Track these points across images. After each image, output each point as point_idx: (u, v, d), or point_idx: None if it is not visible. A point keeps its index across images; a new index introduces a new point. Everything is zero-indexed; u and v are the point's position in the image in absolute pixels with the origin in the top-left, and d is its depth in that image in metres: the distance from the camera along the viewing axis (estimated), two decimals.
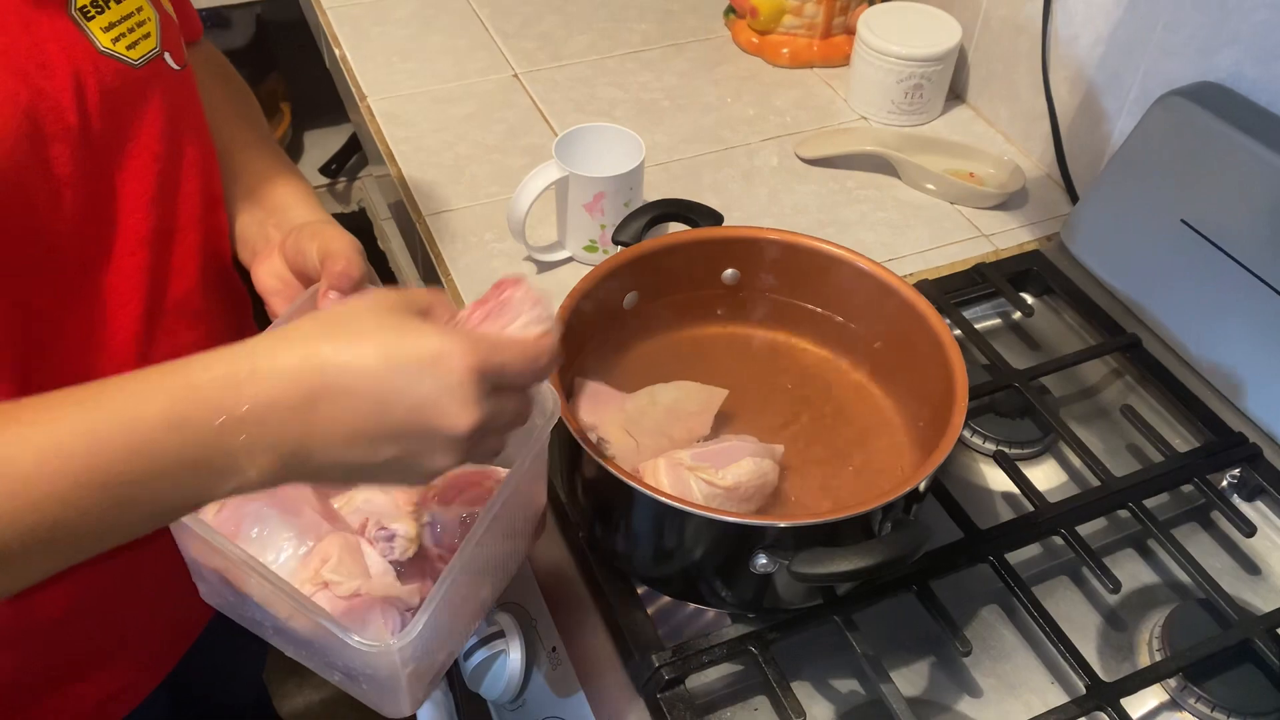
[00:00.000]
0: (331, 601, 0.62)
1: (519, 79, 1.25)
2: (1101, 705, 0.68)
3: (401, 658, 0.58)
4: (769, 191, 1.11)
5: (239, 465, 0.46)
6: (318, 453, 0.47)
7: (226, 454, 0.46)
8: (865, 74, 1.19)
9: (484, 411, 0.48)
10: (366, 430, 0.47)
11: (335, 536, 0.66)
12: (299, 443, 0.47)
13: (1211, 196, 0.89)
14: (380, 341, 0.47)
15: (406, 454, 0.48)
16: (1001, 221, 1.09)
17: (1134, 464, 0.86)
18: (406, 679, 0.60)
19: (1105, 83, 1.04)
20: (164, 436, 0.45)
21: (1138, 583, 0.78)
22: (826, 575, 0.61)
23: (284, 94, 1.94)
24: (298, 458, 0.47)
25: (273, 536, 0.66)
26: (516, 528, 0.69)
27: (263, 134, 0.80)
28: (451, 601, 0.62)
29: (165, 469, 0.45)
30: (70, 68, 0.58)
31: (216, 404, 0.46)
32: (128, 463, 0.45)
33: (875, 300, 0.79)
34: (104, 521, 0.46)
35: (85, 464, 0.44)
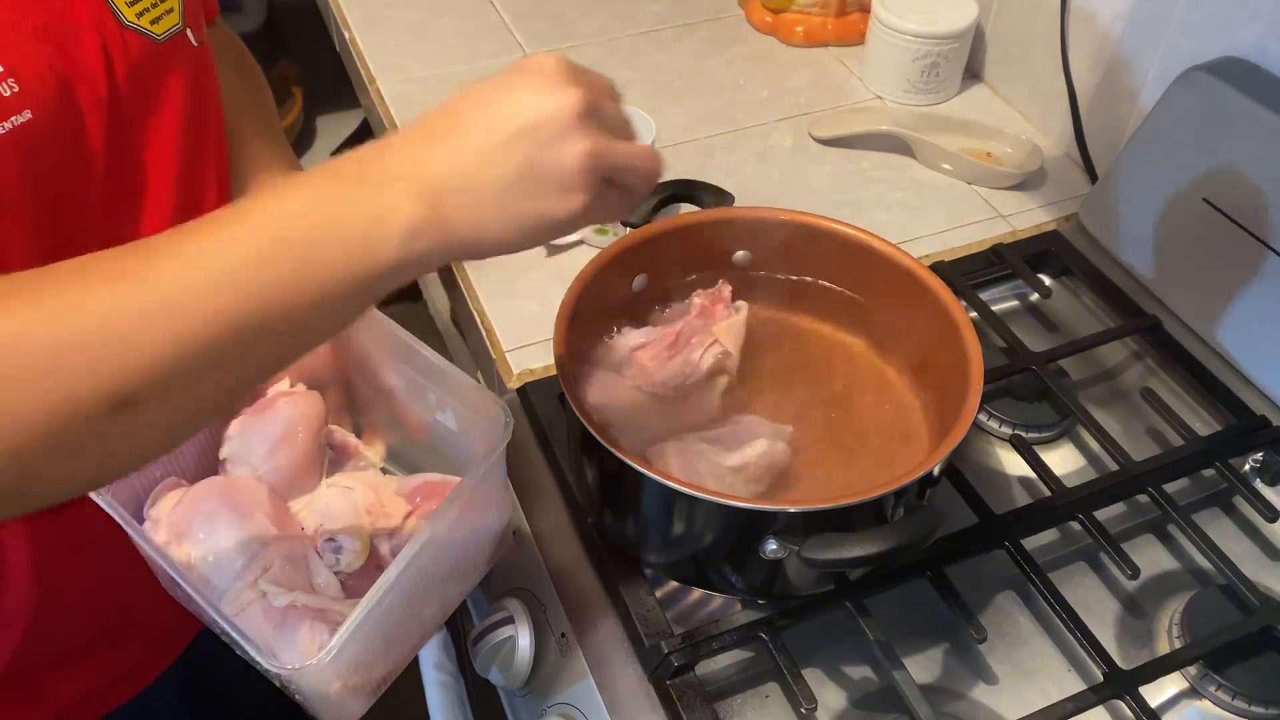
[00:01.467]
0: (266, 614, 0.62)
1: None
2: (1119, 693, 0.67)
3: (320, 677, 0.58)
4: (782, 173, 1.10)
5: (388, 208, 0.45)
6: (456, 175, 0.47)
7: (375, 195, 0.46)
8: (880, 52, 1.18)
9: (584, 86, 0.48)
10: (493, 136, 0.47)
11: (280, 544, 0.66)
12: (437, 168, 0.47)
13: (1234, 174, 0.87)
14: (478, 84, 0.49)
15: (539, 150, 0.47)
16: (1019, 202, 1.07)
17: (1154, 448, 0.84)
18: (336, 693, 0.60)
19: (1125, 60, 1.02)
20: (320, 192, 0.46)
21: (1157, 569, 0.77)
22: (838, 561, 0.60)
23: (296, 79, 1.93)
24: (439, 185, 0.46)
25: (218, 538, 0.66)
26: (469, 546, 0.69)
27: (270, 125, 0.80)
28: (382, 621, 0.61)
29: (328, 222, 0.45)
30: (98, 39, 0.58)
31: (360, 156, 0.48)
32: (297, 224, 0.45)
33: (889, 282, 0.78)
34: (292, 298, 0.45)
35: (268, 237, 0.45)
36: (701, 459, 0.67)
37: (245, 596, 0.64)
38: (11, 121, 0.53)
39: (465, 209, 0.47)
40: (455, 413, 0.72)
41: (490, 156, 0.47)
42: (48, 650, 0.71)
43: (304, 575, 0.66)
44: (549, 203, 0.48)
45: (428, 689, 0.81)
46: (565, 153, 0.48)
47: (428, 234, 0.46)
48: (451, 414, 0.72)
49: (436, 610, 0.69)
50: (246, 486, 0.70)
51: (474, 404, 0.69)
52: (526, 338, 0.92)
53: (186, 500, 0.68)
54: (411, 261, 0.46)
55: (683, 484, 0.62)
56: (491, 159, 0.47)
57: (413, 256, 0.46)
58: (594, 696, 0.70)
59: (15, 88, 0.53)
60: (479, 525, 0.69)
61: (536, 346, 0.91)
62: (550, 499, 0.79)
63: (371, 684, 0.65)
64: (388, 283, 0.47)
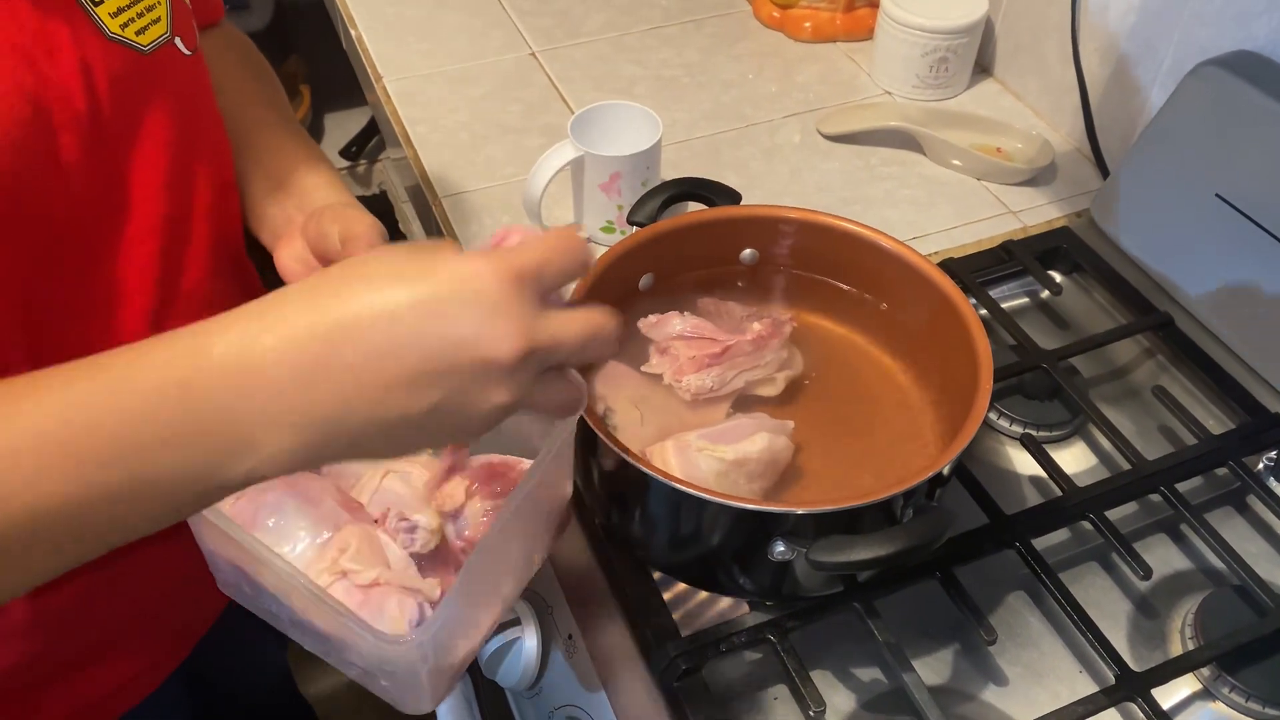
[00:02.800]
0: (348, 593, 0.61)
1: (536, 57, 1.23)
2: (1131, 695, 0.66)
3: (421, 652, 0.56)
4: (790, 169, 1.09)
5: (255, 440, 0.41)
6: (348, 417, 0.41)
7: (243, 426, 0.40)
8: (889, 47, 1.17)
9: (533, 327, 0.42)
10: (403, 376, 0.41)
11: (354, 527, 0.65)
12: (325, 409, 0.41)
13: (1248, 169, 0.86)
14: (401, 277, 0.41)
15: (453, 396, 0.42)
16: (1030, 198, 1.06)
17: (1166, 446, 0.83)
18: (426, 674, 0.59)
19: (1137, 53, 1.01)
20: (168, 402, 0.40)
21: (1170, 569, 0.76)
22: (846, 564, 0.60)
23: (303, 76, 1.93)
24: (328, 426, 0.41)
25: (290, 526, 0.65)
26: (539, 522, 0.68)
27: (285, 116, 0.79)
28: (471, 596, 0.60)
29: (170, 438, 0.40)
30: (77, 54, 0.57)
31: (228, 370, 0.40)
32: (131, 429, 0.40)
33: (897, 279, 0.77)
34: (107, 508, 0.41)
35: (84, 435, 0.40)
36: (702, 456, 0.67)
37: (324, 579, 0.62)
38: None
39: (352, 444, 0.42)
40: None
41: (392, 395, 0.41)
42: (48, 664, 0.70)
43: (380, 557, 0.65)
44: (442, 439, 0.45)
45: None
46: (480, 403, 0.42)
47: (303, 462, 0.42)
48: None
49: (512, 587, 0.68)
50: (308, 476, 0.69)
51: None
52: None
53: (249, 493, 0.66)
54: (255, 480, 0.42)
55: (690, 485, 0.62)
56: (397, 399, 0.41)
57: (273, 476, 0.42)
58: (601, 699, 0.70)
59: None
60: (546, 500, 0.68)
61: None
62: None
63: (453, 667, 0.63)
64: (234, 491, 0.43)
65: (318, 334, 0.41)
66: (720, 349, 0.72)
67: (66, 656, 0.71)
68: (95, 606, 0.71)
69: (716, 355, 0.72)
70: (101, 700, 0.75)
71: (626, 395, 0.73)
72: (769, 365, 0.74)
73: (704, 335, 0.73)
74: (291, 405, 0.40)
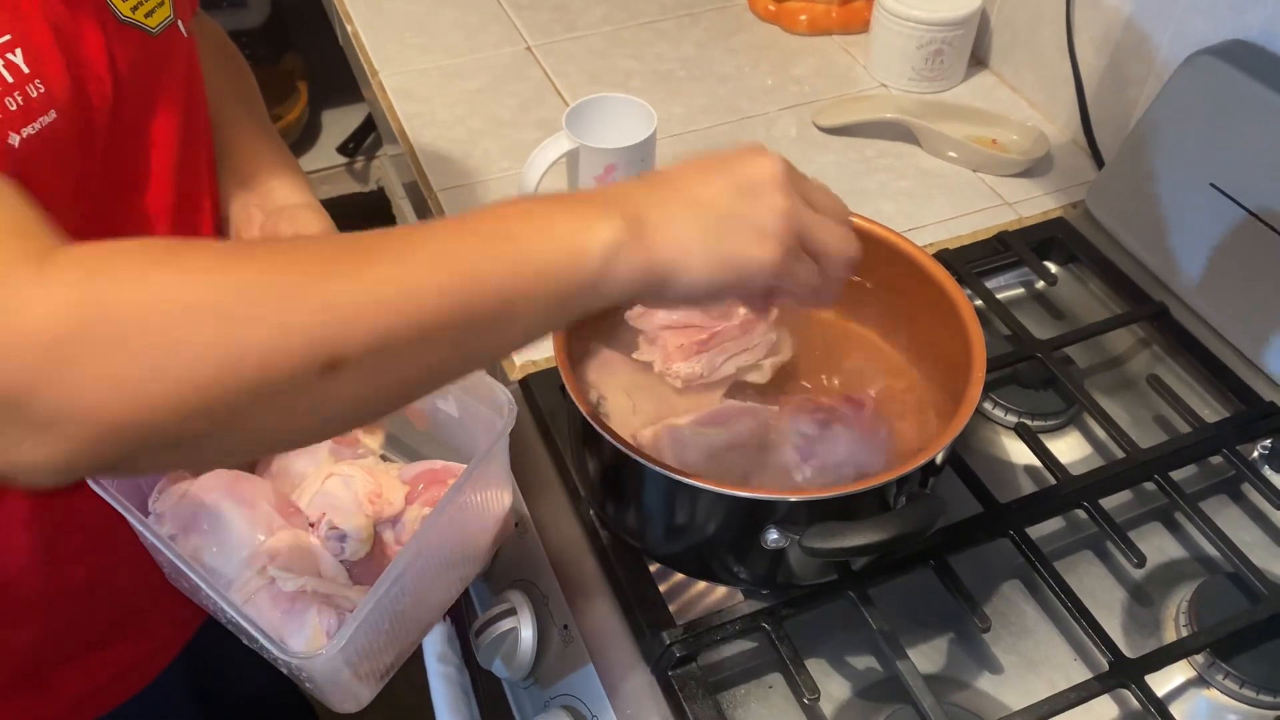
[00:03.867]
0: (275, 600, 0.62)
1: (532, 51, 1.23)
2: (1125, 682, 0.67)
3: (331, 665, 0.58)
4: None
5: (594, 220, 0.48)
6: (664, 211, 0.50)
7: (583, 212, 0.49)
8: (885, 40, 1.17)
9: (789, 164, 0.53)
10: (700, 186, 0.51)
11: (286, 533, 0.66)
12: (644, 205, 0.50)
13: (1242, 158, 0.86)
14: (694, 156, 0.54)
15: (740, 197, 0.51)
16: (1025, 189, 1.06)
17: (1161, 435, 0.83)
18: (345, 681, 0.60)
19: (1132, 44, 1.01)
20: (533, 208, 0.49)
21: (1164, 557, 0.76)
22: (839, 550, 0.60)
23: (301, 73, 1.93)
24: (647, 219, 0.49)
25: (225, 529, 0.66)
26: (472, 530, 0.68)
27: (257, 113, 0.80)
28: (390, 608, 0.61)
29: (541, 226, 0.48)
30: (101, 37, 0.57)
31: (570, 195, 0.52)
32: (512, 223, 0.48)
33: (893, 270, 0.77)
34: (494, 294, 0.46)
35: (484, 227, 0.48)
36: (692, 440, 0.67)
37: (253, 584, 0.64)
38: (40, 122, 0.53)
39: (667, 238, 0.49)
40: (457, 400, 0.72)
41: (697, 198, 0.51)
42: (59, 644, 0.71)
43: (311, 563, 0.66)
44: (746, 245, 0.51)
45: (432, 681, 0.81)
46: (765, 204, 0.51)
47: (627, 254, 0.48)
48: (453, 401, 0.72)
49: (441, 596, 0.69)
50: (250, 479, 0.70)
51: (476, 391, 0.69)
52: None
53: (191, 493, 0.68)
54: (611, 279, 0.48)
55: (683, 474, 0.62)
56: (698, 200, 0.51)
57: (613, 273, 0.48)
58: (596, 687, 0.70)
59: (41, 88, 0.53)
60: (483, 510, 0.69)
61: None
62: (552, 490, 0.79)
63: (380, 670, 0.65)
64: (589, 297, 0.48)
65: (648, 173, 0.54)
66: (707, 335, 0.72)
67: (73, 640, 0.72)
68: (98, 593, 0.71)
69: (704, 342, 0.73)
70: (106, 685, 0.75)
71: (619, 384, 0.73)
72: (757, 350, 0.74)
73: (691, 323, 0.73)
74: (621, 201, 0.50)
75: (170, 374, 0.41)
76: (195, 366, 0.41)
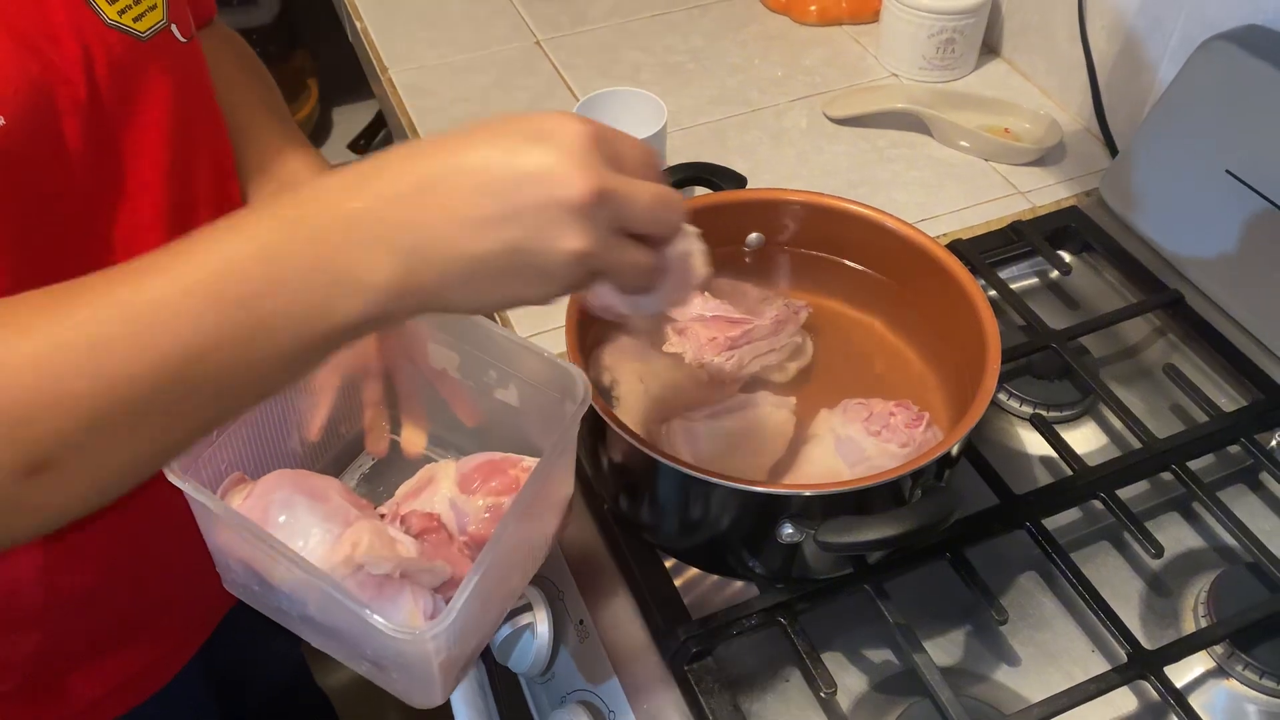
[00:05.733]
0: (362, 587, 0.61)
1: (541, 45, 1.23)
2: (1144, 674, 0.66)
3: (435, 645, 0.57)
4: (798, 153, 1.09)
5: (357, 268, 0.43)
6: (437, 244, 0.43)
7: (345, 252, 0.43)
8: (895, 29, 1.16)
9: (604, 178, 0.44)
10: (484, 208, 0.43)
11: (365, 521, 0.66)
12: (417, 234, 0.43)
13: (1258, 144, 0.86)
14: (490, 128, 0.45)
15: (529, 235, 0.43)
16: (1038, 178, 1.06)
17: (1177, 425, 0.83)
18: (438, 667, 0.59)
19: (1145, 30, 1.00)
20: (282, 239, 0.43)
21: (1182, 547, 0.76)
22: (854, 544, 0.60)
23: (311, 70, 1.93)
24: (417, 254, 0.43)
25: (300, 522, 0.65)
26: (545, 516, 0.68)
27: (279, 113, 0.79)
28: (483, 590, 0.61)
29: (284, 275, 0.42)
30: (78, 40, 0.57)
31: (333, 200, 0.43)
32: (250, 272, 0.42)
33: (905, 261, 0.77)
34: (233, 352, 0.43)
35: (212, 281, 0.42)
36: (706, 434, 0.67)
37: (338, 574, 0.63)
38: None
39: (439, 278, 0.44)
40: (518, 389, 0.69)
41: (478, 229, 0.43)
42: (66, 650, 0.71)
43: (392, 550, 0.65)
44: (523, 289, 0.45)
45: None
46: (555, 247, 0.44)
47: (396, 297, 0.43)
48: (514, 390, 0.70)
49: (517, 582, 0.68)
50: (315, 475, 0.69)
51: (542, 376, 0.66)
52: (541, 325, 0.91)
53: (258, 491, 0.67)
54: (370, 322, 0.44)
55: (697, 469, 0.62)
56: (478, 232, 0.43)
57: (372, 317, 0.44)
58: (613, 683, 0.70)
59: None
60: (554, 495, 0.68)
61: (550, 334, 0.91)
62: None
63: (464, 659, 0.63)
64: (340, 342, 0.44)
65: (417, 174, 0.43)
66: (739, 331, 0.72)
67: (84, 644, 0.72)
68: (109, 596, 0.71)
69: (735, 338, 0.73)
70: (119, 688, 0.75)
71: (633, 369, 0.73)
72: (783, 350, 0.74)
73: (722, 317, 0.73)
74: (388, 230, 0.43)
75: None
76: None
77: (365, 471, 0.80)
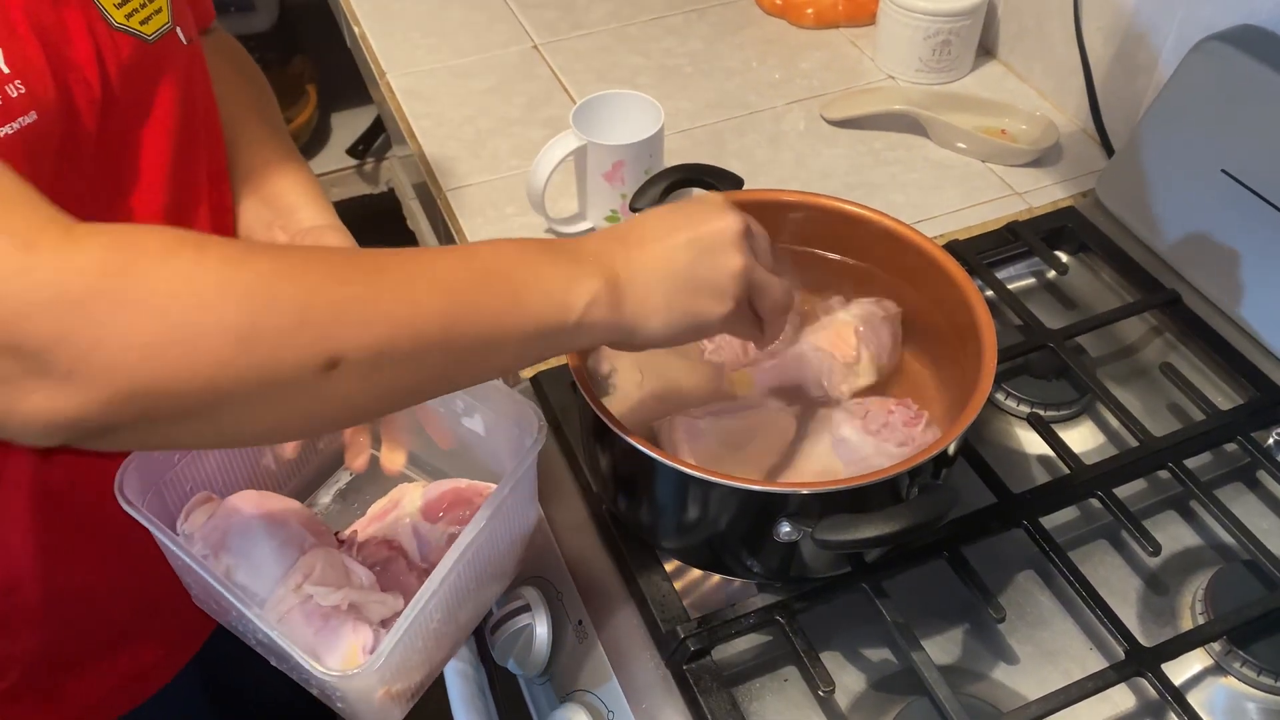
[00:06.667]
0: (309, 617, 0.62)
1: (539, 50, 1.23)
2: (1142, 671, 0.66)
3: (366, 683, 0.58)
4: (795, 156, 1.09)
5: (580, 274, 0.54)
6: (635, 268, 0.55)
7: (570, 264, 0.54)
8: (892, 32, 1.16)
9: (745, 217, 0.58)
10: (666, 242, 0.56)
11: (319, 550, 0.66)
12: (619, 261, 0.55)
13: (1254, 144, 0.86)
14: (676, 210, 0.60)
15: (702, 255, 0.56)
16: (1035, 179, 1.06)
17: (1174, 423, 0.83)
18: (379, 699, 0.60)
19: (1141, 31, 1.01)
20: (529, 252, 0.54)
21: (1179, 545, 0.76)
22: (851, 542, 0.60)
23: (310, 76, 1.94)
24: (620, 274, 0.55)
25: (256, 548, 0.66)
26: (500, 550, 0.69)
27: (275, 127, 0.80)
28: (426, 625, 0.61)
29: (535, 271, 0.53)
30: (91, 41, 0.58)
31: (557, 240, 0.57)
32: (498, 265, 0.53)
33: (901, 261, 0.77)
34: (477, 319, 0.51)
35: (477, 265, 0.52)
36: (708, 434, 0.67)
37: (287, 602, 0.63)
38: (19, 122, 0.53)
39: (637, 293, 0.55)
40: (483, 418, 0.72)
41: (664, 255, 0.56)
42: (62, 652, 0.71)
43: (343, 579, 0.66)
44: (703, 303, 0.57)
45: (448, 679, 0.81)
46: (723, 263, 0.57)
47: (602, 306, 0.54)
48: (480, 419, 0.72)
49: (471, 614, 0.69)
50: (277, 497, 0.70)
51: (503, 409, 0.69)
52: None
53: (220, 513, 0.68)
54: (585, 328, 0.54)
55: (694, 468, 0.62)
56: (665, 257, 0.56)
57: (587, 323, 0.53)
58: (612, 683, 0.70)
59: (22, 89, 0.53)
60: (511, 529, 0.69)
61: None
62: (565, 486, 0.79)
63: (411, 689, 0.64)
64: (564, 341, 0.54)
65: (619, 225, 0.60)
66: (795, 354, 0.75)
67: (81, 646, 0.72)
68: (106, 598, 0.71)
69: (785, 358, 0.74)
70: (116, 690, 0.75)
71: (633, 359, 0.73)
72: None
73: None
74: (599, 255, 0.55)
75: (190, 344, 0.42)
76: (214, 340, 0.43)
77: (342, 487, 0.81)
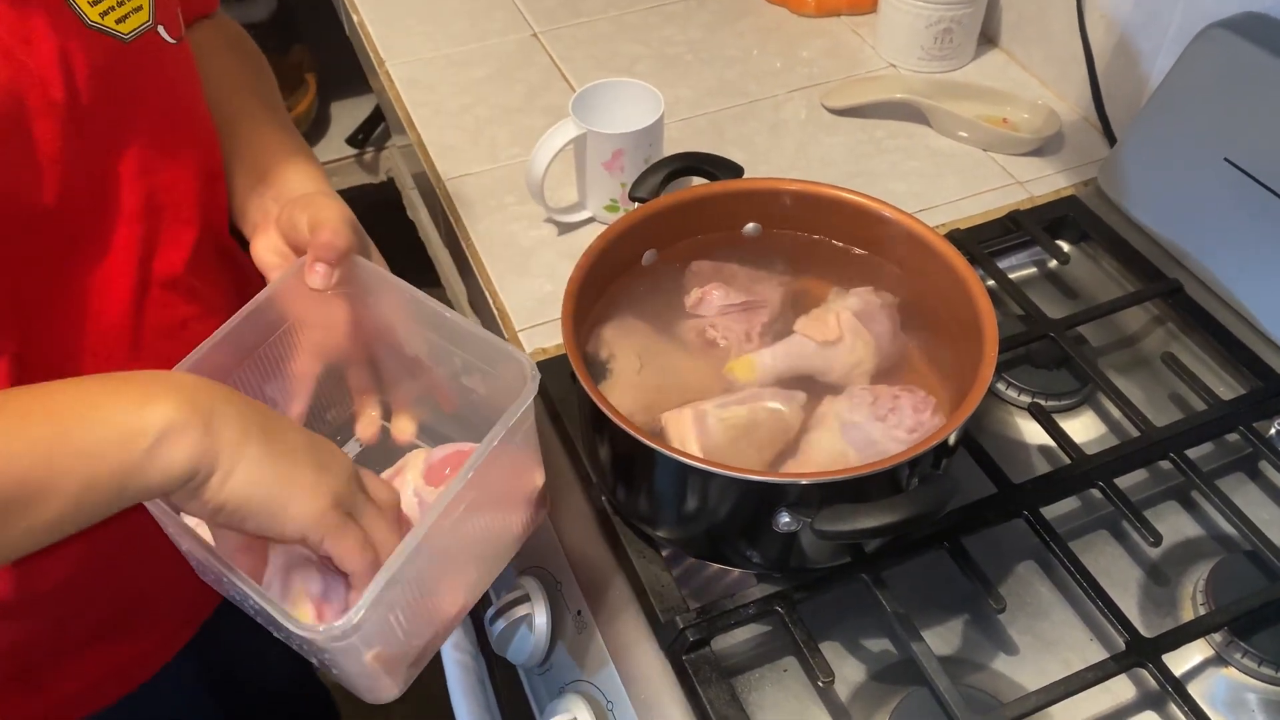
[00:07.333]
0: (308, 579, 0.60)
1: (538, 38, 1.23)
2: (1142, 661, 0.66)
3: (348, 643, 0.55)
4: (796, 144, 1.09)
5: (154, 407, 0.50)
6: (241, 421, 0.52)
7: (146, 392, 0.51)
8: (893, 19, 1.16)
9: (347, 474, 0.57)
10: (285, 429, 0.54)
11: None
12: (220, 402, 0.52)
13: (1257, 132, 0.85)
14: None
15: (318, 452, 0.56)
16: (1037, 168, 1.05)
17: (1176, 413, 0.83)
18: (371, 662, 0.57)
19: (1143, 19, 1.00)
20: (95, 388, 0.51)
21: (1180, 535, 0.76)
22: (851, 532, 0.60)
23: (309, 65, 1.93)
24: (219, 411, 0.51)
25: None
26: (502, 506, 0.67)
27: (272, 106, 0.79)
28: (416, 581, 0.59)
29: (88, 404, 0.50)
30: (55, 43, 0.57)
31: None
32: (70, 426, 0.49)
33: (902, 250, 0.77)
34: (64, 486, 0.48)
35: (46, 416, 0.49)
36: (716, 423, 0.67)
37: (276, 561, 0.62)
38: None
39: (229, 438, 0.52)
40: (482, 374, 0.69)
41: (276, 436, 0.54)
42: (42, 643, 0.70)
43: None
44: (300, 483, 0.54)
45: (448, 669, 0.81)
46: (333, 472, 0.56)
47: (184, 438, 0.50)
48: (479, 376, 0.69)
49: (475, 577, 0.67)
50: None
51: (498, 362, 0.66)
52: (539, 317, 0.91)
53: None
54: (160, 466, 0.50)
55: (693, 458, 0.62)
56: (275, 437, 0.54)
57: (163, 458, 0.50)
58: (611, 673, 0.70)
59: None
60: (511, 487, 0.67)
61: (549, 325, 0.91)
62: (564, 477, 0.79)
63: (409, 656, 0.62)
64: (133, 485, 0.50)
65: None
66: (769, 317, 0.75)
67: (59, 638, 0.71)
68: (88, 590, 0.71)
69: (766, 324, 0.75)
70: (100, 681, 0.75)
71: (631, 345, 0.73)
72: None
73: (736, 305, 0.75)
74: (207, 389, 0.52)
75: None
76: None
77: (352, 458, 0.79)
